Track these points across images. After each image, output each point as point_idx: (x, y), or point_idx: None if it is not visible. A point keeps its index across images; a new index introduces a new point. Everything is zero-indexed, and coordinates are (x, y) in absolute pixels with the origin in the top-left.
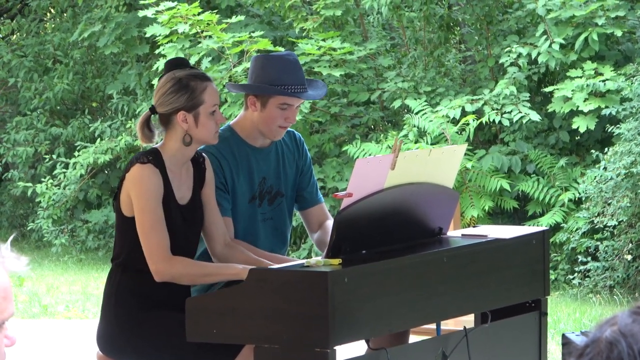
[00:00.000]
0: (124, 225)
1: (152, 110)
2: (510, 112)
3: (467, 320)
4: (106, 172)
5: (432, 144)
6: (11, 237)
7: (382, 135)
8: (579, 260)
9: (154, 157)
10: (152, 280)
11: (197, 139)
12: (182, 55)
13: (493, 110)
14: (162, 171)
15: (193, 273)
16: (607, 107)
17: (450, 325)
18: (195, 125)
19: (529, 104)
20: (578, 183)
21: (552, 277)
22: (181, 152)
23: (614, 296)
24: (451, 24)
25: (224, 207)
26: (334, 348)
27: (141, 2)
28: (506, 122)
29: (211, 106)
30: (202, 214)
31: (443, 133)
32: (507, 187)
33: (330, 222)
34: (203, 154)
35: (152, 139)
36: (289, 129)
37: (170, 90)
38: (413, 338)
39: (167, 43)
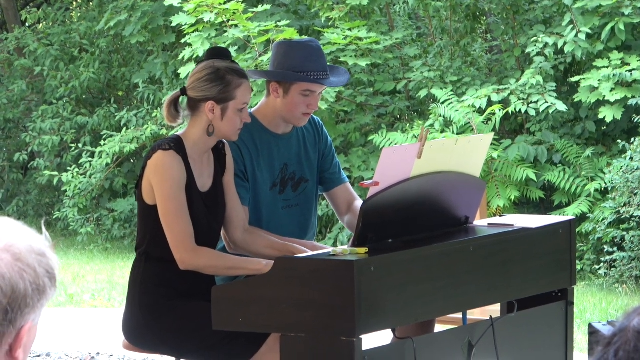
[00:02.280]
0: (145, 213)
1: (183, 91)
2: (536, 102)
3: (494, 310)
4: (132, 161)
5: (458, 134)
6: (44, 226)
7: (408, 124)
8: (605, 250)
9: (176, 144)
10: (176, 269)
11: (219, 132)
12: (209, 44)
13: (519, 100)
14: (184, 158)
15: (218, 265)
16: (633, 97)
17: (477, 314)
18: (220, 118)
19: (555, 94)
20: (604, 173)
21: (578, 267)
22: (203, 140)
23: None
24: (477, 14)
25: (241, 196)
26: (360, 337)
27: None
28: (532, 112)
29: (241, 103)
30: (224, 201)
31: (469, 123)
32: (533, 177)
33: (358, 203)
34: (223, 140)
35: (176, 119)
36: None
37: (206, 78)
38: (439, 327)
39: (193, 32)
